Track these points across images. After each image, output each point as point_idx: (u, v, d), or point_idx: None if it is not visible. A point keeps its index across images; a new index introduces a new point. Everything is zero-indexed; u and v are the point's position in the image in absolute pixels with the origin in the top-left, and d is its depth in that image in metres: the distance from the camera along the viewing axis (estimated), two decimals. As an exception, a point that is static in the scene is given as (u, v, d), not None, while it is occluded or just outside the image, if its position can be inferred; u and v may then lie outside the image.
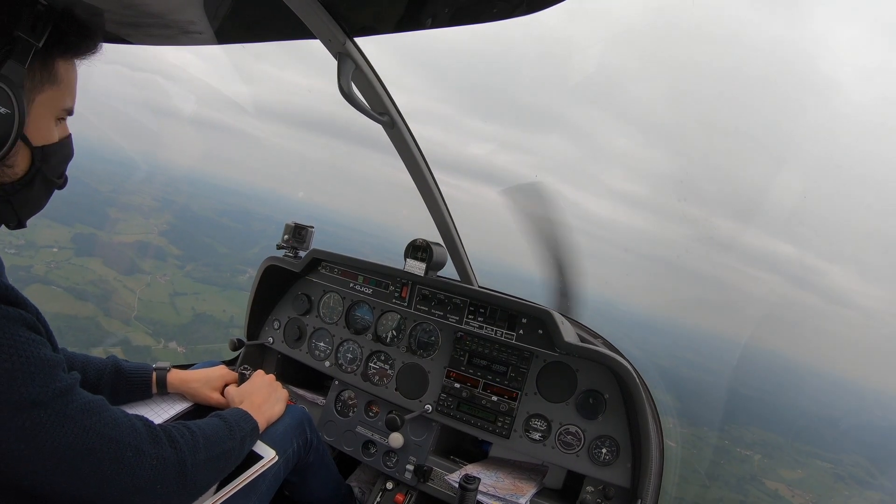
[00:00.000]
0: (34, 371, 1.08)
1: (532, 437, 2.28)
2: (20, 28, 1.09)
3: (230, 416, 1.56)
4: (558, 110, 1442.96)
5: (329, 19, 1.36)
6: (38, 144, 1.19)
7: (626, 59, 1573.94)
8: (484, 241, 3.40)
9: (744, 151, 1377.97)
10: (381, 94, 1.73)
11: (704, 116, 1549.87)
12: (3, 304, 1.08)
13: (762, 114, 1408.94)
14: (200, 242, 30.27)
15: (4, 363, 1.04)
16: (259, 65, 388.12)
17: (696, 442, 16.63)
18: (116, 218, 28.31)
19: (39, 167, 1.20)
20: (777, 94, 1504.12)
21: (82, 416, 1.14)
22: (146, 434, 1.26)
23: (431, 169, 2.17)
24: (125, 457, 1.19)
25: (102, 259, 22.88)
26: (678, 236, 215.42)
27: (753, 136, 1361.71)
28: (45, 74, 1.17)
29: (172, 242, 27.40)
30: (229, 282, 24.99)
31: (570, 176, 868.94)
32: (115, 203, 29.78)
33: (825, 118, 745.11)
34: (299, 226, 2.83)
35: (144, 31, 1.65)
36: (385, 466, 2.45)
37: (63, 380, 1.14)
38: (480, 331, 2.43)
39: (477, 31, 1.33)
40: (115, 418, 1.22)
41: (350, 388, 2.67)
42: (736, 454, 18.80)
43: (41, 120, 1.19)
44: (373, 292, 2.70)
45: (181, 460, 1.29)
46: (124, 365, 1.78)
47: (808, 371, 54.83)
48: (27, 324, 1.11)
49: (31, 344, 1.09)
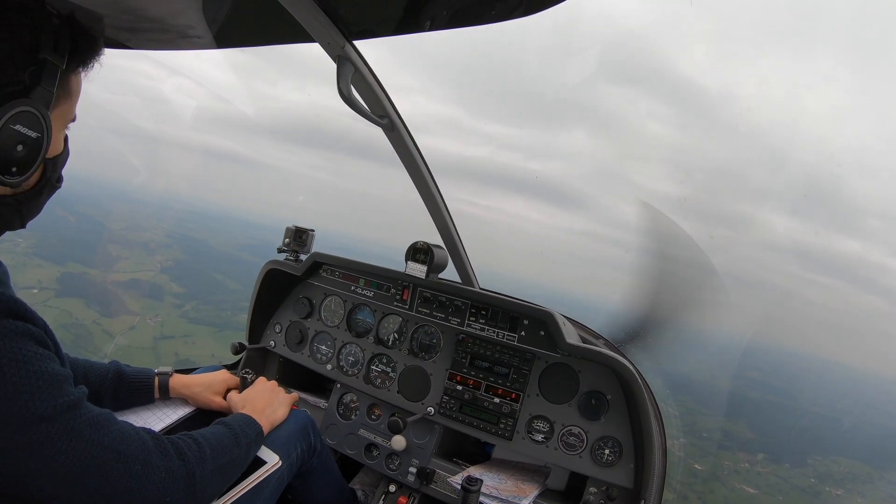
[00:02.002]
0: (42, 385, 1.07)
1: (535, 438, 2.28)
2: (44, 50, 1.08)
3: (235, 422, 1.56)
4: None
5: (328, 22, 1.36)
6: (51, 156, 1.20)
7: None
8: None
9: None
10: (380, 98, 1.72)
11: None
12: (11, 319, 1.08)
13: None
14: (209, 279, 29.54)
15: (13, 377, 1.04)
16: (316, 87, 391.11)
17: (779, 485, 15.32)
18: (117, 256, 27.60)
19: (49, 176, 1.21)
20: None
21: (90, 431, 1.14)
22: (154, 447, 1.25)
23: (432, 171, 2.17)
24: (134, 470, 1.19)
25: (84, 300, 22.02)
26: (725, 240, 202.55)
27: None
28: (62, 91, 1.17)
29: (175, 279, 26.64)
30: (228, 321, 24.18)
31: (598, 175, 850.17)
32: (121, 240, 29.14)
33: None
34: (300, 229, 2.83)
35: (144, 36, 1.65)
36: (388, 469, 2.44)
37: (71, 394, 1.13)
38: (482, 333, 2.43)
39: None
40: (122, 432, 1.21)
41: (352, 391, 2.67)
42: (826, 496, 17.09)
43: (56, 133, 1.19)
44: (374, 295, 2.70)
45: (190, 472, 1.29)
46: (126, 370, 1.78)
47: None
48: (35, 338, 1.11)
49: (39, 358, 1.09)
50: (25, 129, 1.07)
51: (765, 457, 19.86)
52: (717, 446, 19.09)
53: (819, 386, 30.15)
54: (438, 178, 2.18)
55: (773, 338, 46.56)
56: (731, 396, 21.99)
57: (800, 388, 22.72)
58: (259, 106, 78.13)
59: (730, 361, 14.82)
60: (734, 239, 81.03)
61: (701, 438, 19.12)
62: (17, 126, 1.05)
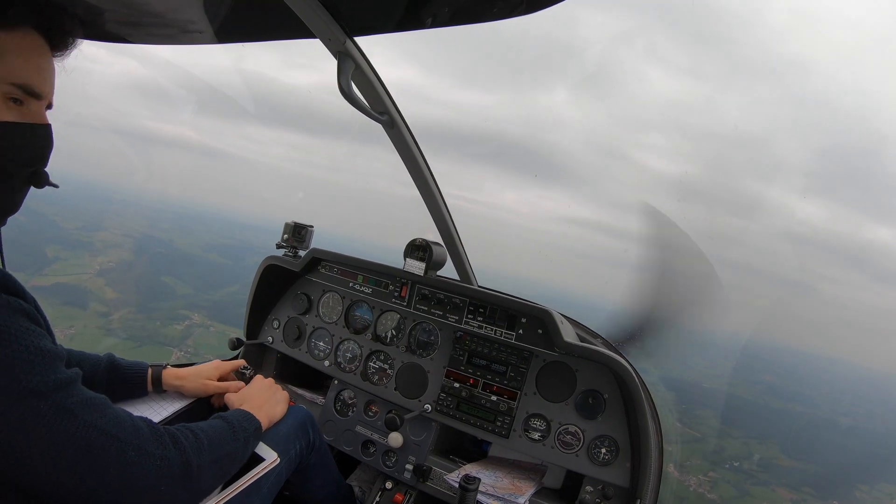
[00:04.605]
0: (34, 360, 1.05)
1: (531, 436, 2.29)
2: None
3: (233, 417, 1.56)
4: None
5: (329, 19, 1.36)
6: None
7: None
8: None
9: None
10: (380, 94, 1.73)
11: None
12: (2, 293, 1.06)
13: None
14: (156, 283, 27.20)
15: (4, 350, 1.02)
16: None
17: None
18: (54, 257, 24.95)
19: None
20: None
21: (83, 411, 1.12)
22: (150, 434, 1.23)
23: (431, 168, 2.17)
24: (127, 456, 1.16)
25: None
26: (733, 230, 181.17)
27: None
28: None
29: (112, 284, 24.24)
30: (154, 334, 21.94)
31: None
32: (67, 241, 26.48)
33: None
34: (299, 225, 2.83)
35: (145, 31, 1.65)
36: (384, 466, 2.45)
37: (64, 373, 1.12)
38: (480, 330, 2.44)
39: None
40: (117, 416, 1.19)
41: (349, 387, 2.67)
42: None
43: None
44: (372, 292, 2.70)
45: (186, 462, 1.27)
46: (120, 362, 1.78)
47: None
48: (27, 314, 1.09)
49: (31, 334, 1.07)
50: None
51: (811, 493, 17.97)
52: (753, 481, 17.62)
53: (842, 390, 28.73)
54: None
55: (782, 337, 43.17)
56: (754, 407, 20.54)
57: (820, 393, 21.26)
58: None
59: (741, 365, 13.65)
60: (747, 229, 77.35)
61: (735, 471, 17.77)
62: None
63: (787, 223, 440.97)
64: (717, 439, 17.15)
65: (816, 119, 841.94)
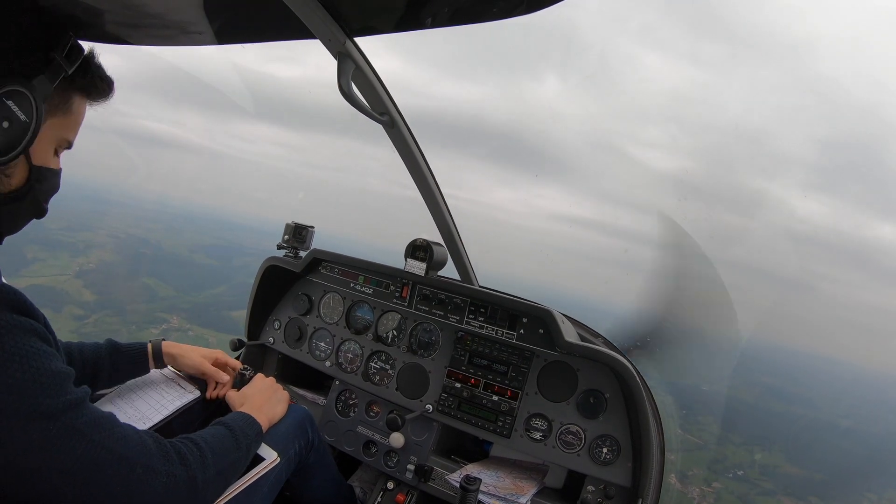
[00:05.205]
0: (46, 382, 1.07)
1: (533, 436, 2.28)
2: (57, 50, 1.15)
3: (235, 423, 1.56)
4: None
5: (329, 19, 1.36)
6: (37, 164, 1.21)
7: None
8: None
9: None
10: (381, 94, 1.72)
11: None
12: (14, 314, 1.07)
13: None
14: (137, 284, 26.62)
15: (16, 373, 1.03)
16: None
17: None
18: (33, 258, 24.51)
19: (33, 185, 1.21)
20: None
21: (91, 431, 1.14)
22: (157, 451, 1.25)
23: (431, 168, 2.17)
24: (135, 473, 1.18)
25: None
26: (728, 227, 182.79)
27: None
28: (62, 102, 1.22)
29: (90, 286, 23.79)
30: (128, 339, 21.39)
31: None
32: (49, 241, 25.96)
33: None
34: (299, 226, 2.83)
35: (144, 32, 1.65)
36: (386, 466, 2.45)
37: (74, 393, 1.13)
38: (481, 330, 2.43)
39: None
40: (124, 434, 1.21)
41: (351, 388, 2.67)
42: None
43: (45, 142, 1.21)
44: (373, 292, 2.70)
45: (192, 477, 1.29)
46: (121, 344, 1.84)
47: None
48: (38, 334, 1.10)
49: (42, 355, 1.08)
50: (15, 108, 1.08)
51: (817, 502, 17.53)
52: (757, 491, 17.28)
53: (840, 391, 28.20)
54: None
55: (782, 338, 41.84)
56: (755, 410, 20.13)
57: (820, 394, 20.66)
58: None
59: (741, 367, 13.34)
60: (748, 228, 76.47)
61: (739, 480, 17.26)
62: (9, 102, 1.07)
63: (788, 221, 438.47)
64: (718, 446, 16.90)
65: (821, 108, 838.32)
